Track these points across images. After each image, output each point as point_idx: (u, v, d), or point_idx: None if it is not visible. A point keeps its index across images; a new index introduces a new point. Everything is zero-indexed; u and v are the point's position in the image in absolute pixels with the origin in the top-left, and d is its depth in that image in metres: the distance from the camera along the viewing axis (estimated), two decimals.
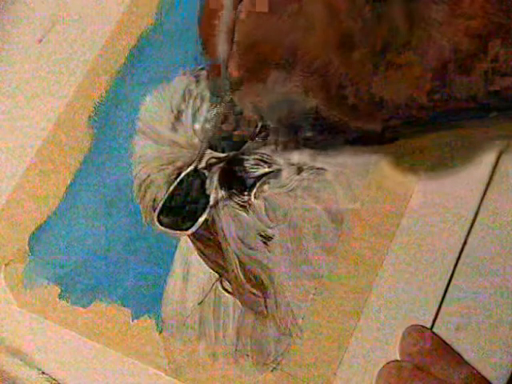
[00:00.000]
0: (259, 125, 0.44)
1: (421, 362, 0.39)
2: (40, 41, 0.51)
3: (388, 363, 0.40)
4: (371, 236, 0.43)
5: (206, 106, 0.47)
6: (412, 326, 0.40)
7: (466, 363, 0.39)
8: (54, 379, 0.41)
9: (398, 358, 0.40)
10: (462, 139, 0.43)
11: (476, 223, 0.42)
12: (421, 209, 0.43)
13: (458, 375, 0.38)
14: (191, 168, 0.45)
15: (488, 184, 0.43)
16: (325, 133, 0.42)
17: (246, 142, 0.45)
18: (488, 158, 0.43)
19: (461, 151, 0.43)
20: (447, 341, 0.40)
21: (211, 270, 0.43)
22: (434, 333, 0.40)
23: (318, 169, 0.45)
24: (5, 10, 0.52)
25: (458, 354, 0.39)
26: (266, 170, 0.45)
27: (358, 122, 0.38)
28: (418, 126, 0.42)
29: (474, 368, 0.39)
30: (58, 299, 0.43)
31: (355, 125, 0.38)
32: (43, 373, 0.42)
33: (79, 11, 0.51)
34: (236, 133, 0.43)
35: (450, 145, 0.43)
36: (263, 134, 0.45)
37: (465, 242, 0.42)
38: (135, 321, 0.42)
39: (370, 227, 0.43)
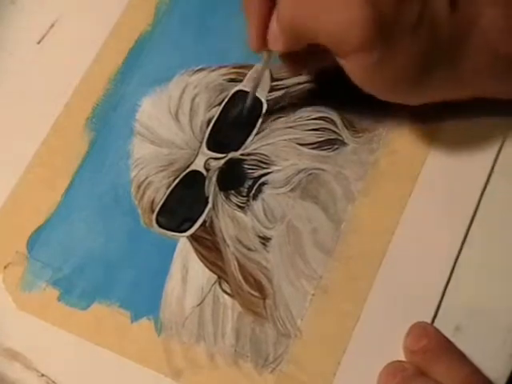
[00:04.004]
0: None
1: (423, 360, 0.39)
2: (38, 42, 0.51)
3: (391, 363, 0.39)
4: (370, 236, 0.43)
5: (203, 106, 0.47)
6: (416, 322, 0.40)
7: (469, 361, 0.39)
8: (53, 382, 0.41)
9: (399, 358, 0.40)
10: None
11: (474, 224, 0.42)
12: (420, 209, 0.43)
13: (460, 373, 0.38)
14: (190, 169, 0.45)
15: (486, 184, 0.43)
16: None
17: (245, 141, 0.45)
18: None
19: None
20: None
21: (210, 272, 0.43)
22: (437, 329, 0.40)
23: (316, 169, 0.44)
24: (3, 11, 0.52)
25: (461, 352, 0.39)
26: (265, 170, 0.45)
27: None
28: None
29: (475, 366, 0.39)
30: (57, 302, 0.43)
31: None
32: (42, 375, 0.41)
33: (78, 13, 0.51)
34: None
35: None
36: None
37: (464, 241, 0.42)
38: (134, 323, 0.42)
39: (369, 227, 0.43)
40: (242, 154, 0.45)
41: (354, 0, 0.35)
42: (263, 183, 0.44)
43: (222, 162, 0.45)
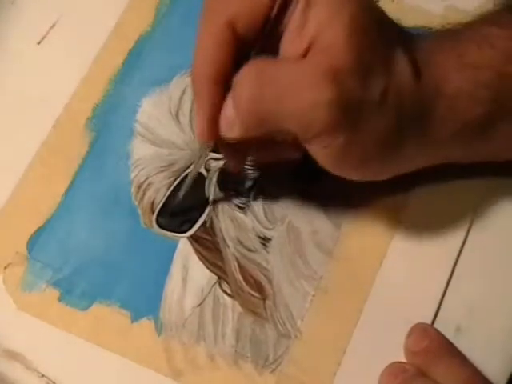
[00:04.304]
0: None
1: (425, 361, 0.39)
2: (38, 42, 0.51)
3: (393, 364, 0.40)
4: (370, 236, 0.43)
5: None
6: (417, 324, 0.40)
7: (470, 362, 0.39)
8: (53, 382, 0.41)
9: (399, 359, 0.40)
10: None
11: (474, 224, 0.42)
12: (420, 208, 0.43)
13: (461, 375, 0.38)
14: (190, 170, 0.45)
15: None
16: None
17: None
18: None
19: None
20: None
21: (210, 272, 0.43)
22: (438, 331, 0.40)
23: None
24: (3, 11, 0.52)
25: (462, 353, 0.39)
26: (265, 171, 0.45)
27: None
28: None
29: (476, 368, 0.39)
30: (57, 302, 0.43)
31: None
32: (43, 376, 0.41)
33: (78, 13, 0.51)
34: None
35: None
36: None
37: (464, 242, 0.42)
38: (134, 323, 0.42)
39: (369, 227, 0.43)
40: None
41: (319, 80, 0.33)
42: (263, 184, 0.44)
43: (223, 162, 0.45)
